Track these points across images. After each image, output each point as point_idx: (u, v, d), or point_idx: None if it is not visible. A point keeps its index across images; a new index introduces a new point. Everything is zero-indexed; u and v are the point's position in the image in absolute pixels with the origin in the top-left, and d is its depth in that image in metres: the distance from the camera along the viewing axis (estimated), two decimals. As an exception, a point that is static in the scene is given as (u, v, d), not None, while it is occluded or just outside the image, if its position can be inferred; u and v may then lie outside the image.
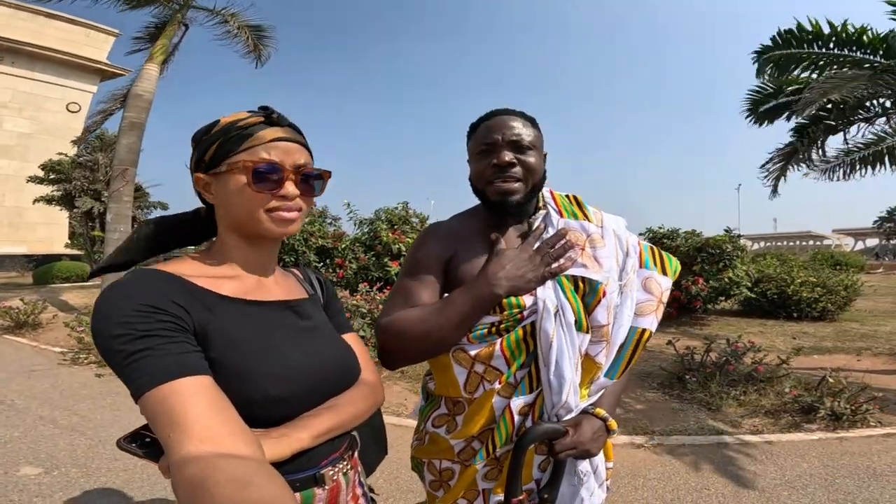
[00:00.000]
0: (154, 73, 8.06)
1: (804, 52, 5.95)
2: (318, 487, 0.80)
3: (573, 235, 1.13)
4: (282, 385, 0.76)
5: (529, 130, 1.13)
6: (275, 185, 0.80)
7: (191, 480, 0.53)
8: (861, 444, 3.43)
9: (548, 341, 1.03)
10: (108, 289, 0.69)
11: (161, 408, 0.60)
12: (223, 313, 0.76)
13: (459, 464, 1.15)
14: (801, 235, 54.90)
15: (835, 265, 17.19)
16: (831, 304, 9.43)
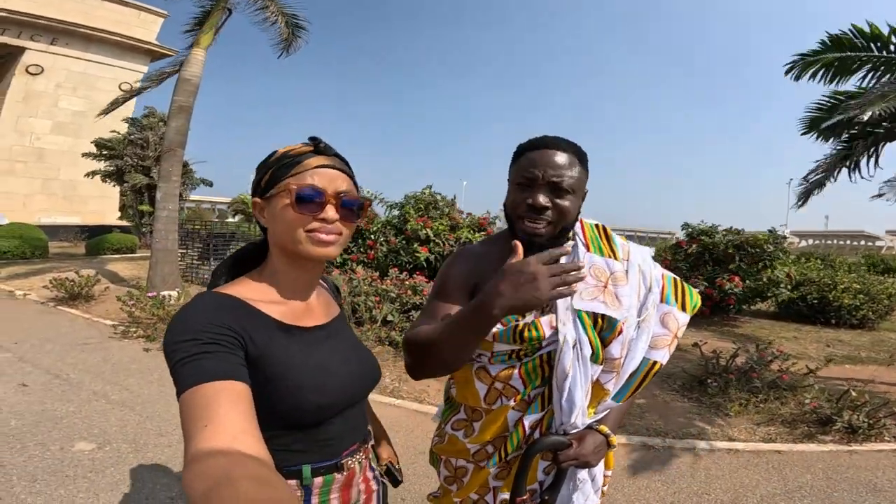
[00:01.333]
0: (201, 58, 8.33)
1: (863, 55, 5.67)
2: (337, 473, 0.96)
3: (596, 271, 1.18)
4: (326, 395, 0.91)
5: (573, 171, 1.12)
6: (316, 208, 0.88)
7: (213, 473, 0.55)
8: (870, 458, 3.43)
9: (564, 373, 1.09)
10: (184, 307, 0.82)
11: (198, 402, 0.66)
12: (280, 339, 0.88)
13: (473, 464, 1.27)
14: (852, 234, 52.31)
15: (885, 271, 16.41)
16: (872, 313, 9.09)
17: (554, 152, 1.12)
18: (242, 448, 0.60)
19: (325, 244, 0.89)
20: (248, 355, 0.81)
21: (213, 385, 0.68)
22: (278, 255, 0.94)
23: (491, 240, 1.30)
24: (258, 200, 0.94)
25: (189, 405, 0.67)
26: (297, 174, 0.88)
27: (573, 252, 1.22)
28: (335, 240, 0.91)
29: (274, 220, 0.91)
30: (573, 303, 1.13)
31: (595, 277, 1.17)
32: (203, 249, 10.37)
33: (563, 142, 1.16)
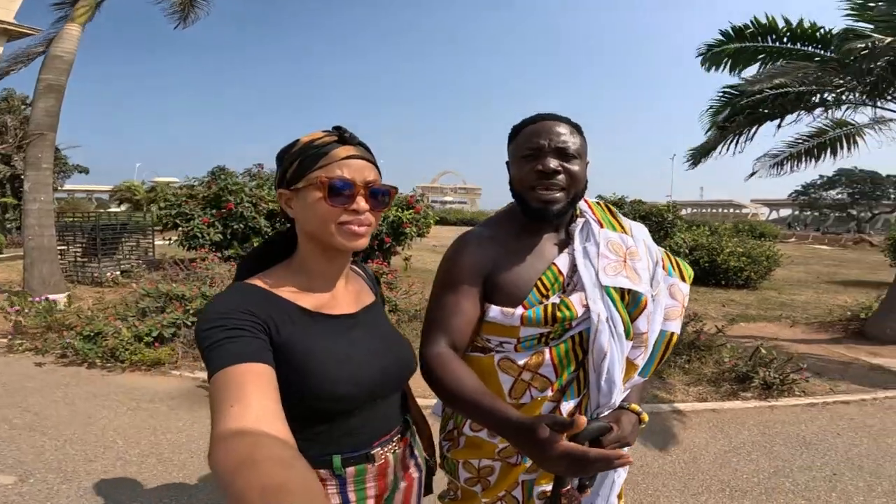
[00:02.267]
0: (76, 34, 7.28)
1: (759, 45, 6.19)
2: (368, 464, 0.95)
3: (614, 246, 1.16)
4: (349, 386, 0.89)
5: (576, 138, 1.12)
6: (347, 200, 0.87)
7: (238, 453, 0.56)
8: (789, 412, 3.80)
9: (602, 352, 1.06)
10: (215, 297, 0.85)
11: (225, 383, 0.68)
12: (303, 326, 0.88)
13: (501, 461, 1.19)
14: (723, 204, 58.94)
15: (758, 235, 18.60)
16: (754, 274, 10.29)
17: (554, 123, 1.12)
18: (267, 429, 0.62)
19: (357, 236, 0.89)
20: (273, 342, 0.82)
21: (240, 367, 0.70)
22: (307, 245, 0.94)
23: (495, 221, 1.24)
24: (284, 191, 0.92)
25: (217, 387, 0.68)
26: (326, 166, 0.87)
27: (587, 229, 1.19)
28: (365, 231, 0.90)
29: (304, 213, 0.90)
30: (600, 279, 1.11)
31: (614, 253, 1.16)
32: (88, 244, 9.14)
33: (560, 115, 1.16)
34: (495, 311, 1.11)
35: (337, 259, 0.96)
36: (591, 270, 1.12)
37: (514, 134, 1.18)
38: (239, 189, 8.75)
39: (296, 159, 0.89)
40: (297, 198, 0.90)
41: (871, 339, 6.03)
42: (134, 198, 26.32)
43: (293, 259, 0.97)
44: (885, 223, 38.30)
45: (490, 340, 1.16)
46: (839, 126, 6.91)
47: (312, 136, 0.91)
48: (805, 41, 6.01)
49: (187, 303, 4.92)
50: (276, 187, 0.95)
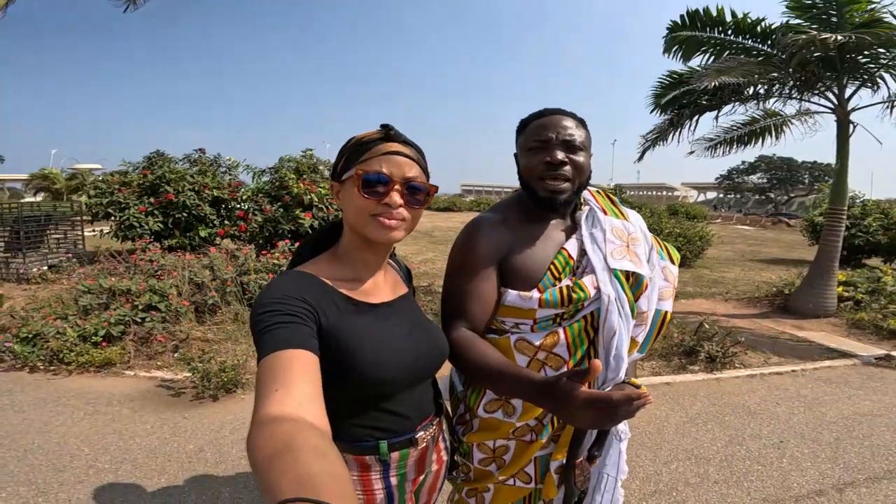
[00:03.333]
0: None
1: (707, 35, 6.53)
2: (412, 448, 1.00)
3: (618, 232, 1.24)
4: (392, 370, 0.93)
5: (581, 131, 1.18)
6: (381, 194, 0.90)
7: (277, 439, 0.57)
8: (733, 384, 4.13)
9: (612, 331, 1.13)
10: (270, 282, 0.89)
11: (273, 366, 0.70)
12: (349, 314, 0.93)
13: (515, 440, 1.25)
14: (657, 186, 61.99)
15: (690, 217, 19.74)
16: (690, 253, 10.96)
17: (561, 117, 1.18)
18: (307, 416, 0.63)
19: (389, 229, 0.92)
20: (322, 329, 0.86)
21: (288, 353, 0.73)
22: (350, 235, 0.99)
23: (505, 207, 1.28)
24: (335, 184, 0.99)
25: (265, 370, 0.71)
26: (368, 160, 0.92)
27: (592, 216, 1.25)
28: (398, 225, 0.93)
29: (345, 203, 0.96)
30: (609, 262, 1.18)
31: (619, 238, 1.23)
32: (11, 238, 8.37)
33: (565, 110, 1.21)
34: (513, 295, 1.16)
35: (376, 250, 1.00)
36: (599, 255, 1.18)
37: (522, 127, 1.23)
38: (179, 177, 8.29)
39: (346, 154, 0.96)
40: (343, 189, 0.96)
41: (795, 314, 6.59)
42: (53, 186, 24.29)
43: (338, 248, 1.02)
44: (799, 205, 41.69)
45: (505, 322, 1.20)
46: (769, 116, 7.43)
47: (365, 133, 0.96)
48: (747, 34, 6.39)
49: (134, 298, 4.65)
50: (331, 179, 1.02)
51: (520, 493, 1.31)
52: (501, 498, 1.31)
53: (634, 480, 2.61)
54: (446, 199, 35.70)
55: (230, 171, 9.25)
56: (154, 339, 4.44)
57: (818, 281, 6.57)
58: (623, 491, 1.34)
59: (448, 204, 33.21)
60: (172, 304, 4.70)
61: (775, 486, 2.59)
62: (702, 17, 6.37)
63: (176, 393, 3.64)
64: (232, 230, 8.21)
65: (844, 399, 3.81)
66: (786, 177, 43.30)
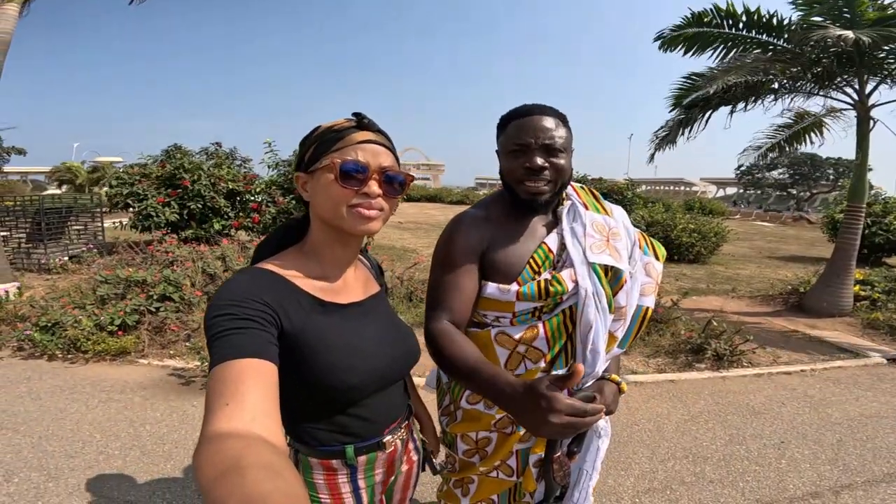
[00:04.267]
0: (13, 13, 6.73)
1: (716, 31, 6.40)
2: (379, 451, 0.99)
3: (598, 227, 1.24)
4: (360, 375, 0.90)
5: (561, 131, 1.17)
6: (359, 183, 0.87)
7: (224, 457, 0.54)
8: (739, 383, 4.09)
9: (588, 325, 1.15)
10: (228, 281, 0.82)
11: (224, 377, 0.66)
12: (316, 316, 0.88)
13: (497, 432, 1.28)
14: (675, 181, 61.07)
15: (707, 212, 19.48)
16: (704, 249, 10.85)
17: (541, 117, 1.17)
18: (259, 431, 0.60)
19: (368, 219, 0.89)
20: (284, 332, 0.81)
21: (241, 362, 0.68)
22: (319, 229, 0.94)
23: (487, 204, 1.30)
24: (301, 175, 0.93)
25: (215, 381, 0.66)
26: (341, 149, 0.87)
27: (573, 211, 1.27)
28: (377, 215, 0.90)
29: (317, 195, 0.90)
30: (587, 256, 1.19)
31: (599, 233, 1.24)
32: (33, 230, 8.61)
33: (547, 107, 1.20)
34: (492, 287, 1.18)
35: (348, 244, 0.97)
36: (578, 249, 1.20)
37: (503, 125, 1.23)
38: (195, 167, 8.44)
39: (314, 143, 0.91)
40: (312, 180, 0.91)
41: (808, 312, 6.49)
42: (75, 179, 24.85)
43: (305, 243, 0.97)
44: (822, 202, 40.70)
45: (486, 316, 1.23)
46: (803, 117, 7.28)
47: (333, 122, 0.92)
48: (761, 29, 6.26)
49: (150, 288, 4.76)
50: (294, 170, 0.96)
51: (503, 485, 1.34)
52: (485, 489, 1.35)
53: (629, 477, 2.62)
54: (460, 193, 35.72)
55: (244, 163, 9.39)
56: (167, 328, 4.54)
57: (834, 279, 6.44)
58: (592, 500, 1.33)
59: (461, 197, 33.21)
60: (186, 294, 4.80)
61: (771, 486, 2.58)
62: (709, 16, 6.25)
63: (186, 382, 3.74)
64: (246, 222, 8.35)
65: (852, 400, 3.76)
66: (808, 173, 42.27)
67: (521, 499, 1.35)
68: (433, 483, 2.43)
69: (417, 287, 6.08)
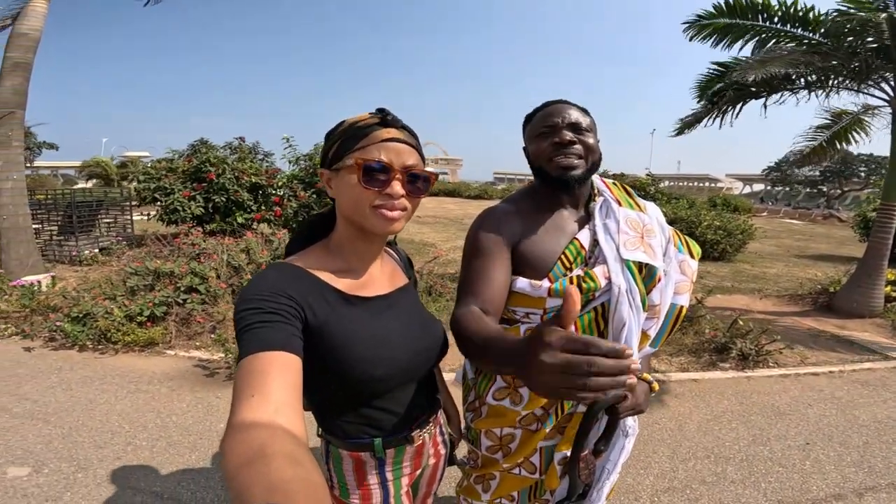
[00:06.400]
0: (42, 10, 6.93)
1: (749, 23, 6.26)
2: (408, 444, 1.00)
3: (633, 223, 1.21)
4: (385, 368, 0.91)
5: (586, 118, 1.19)
6: (382, 184, 0.86)
7: (250, 445, 0.56)
8: (764, 383, 4.01)
9: (621, 322, 1.13)
10: (255, 276, 0.84)
11: (251, 369, 0.68)
12: (340, 309, 0.89)
13: (521, 429, 1.28)
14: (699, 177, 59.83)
15: (732, 209, 19.04)
16: (730, 247, 10.59)
17: (566, 105, 1.20)
18: (282, 422, 0.61)
19: (391, 220, 0.88)
20: (309, 325, 0.82)
21: (267, 355, 0.70)
22: (344, 226, 0.94)
23: (516, 199, 1.29)
24: (325, 171, 0.92)
25: (243, 372, 0.68)
26: (365, 147, 0.86)
27: (606, 206, 1.24)
28: (399, 216, 0.89)
29: (340, 193, 0.90)
30: (621, 253, 1.17)
31: (633, 229, 1.22)
32: (64, 222, 8.89)
33: (568, 101, 1.22)
34: (523, 282, 1.16)
35: (373, 241, 0.96)
36: (612, 245, 1.18)
37: (528, 120, 1.25)
38: (220, 161, 8.62)
39: (338, 140, 0.89)
40: (336, 178, 0.90)
41: (838, 313, 6.31)
42: (105, 174, 25.52)
43: (331, 238, 0.97)
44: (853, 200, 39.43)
45: (516, 312, 1.22)
46: (840, 116, 7.06)
47: (358, 117, 0.91)
48: (796, 23, 6.10)
49: (177, 280, 4.86)
50: (320, 166, 0.95)
51: (525, 482, 1.33)
52: (507, 486, 1.35)
53: (648, 476, 2.60)
54: (478, 187, 35.43)
55: (267, 158, 9.56)
56: (194, 319, 4.64)
57: (865, 279, 6.26)
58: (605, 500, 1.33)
59: (479, 192, 32.99)
60: (211, 286, 4.88)
61: (794, 487, 2.54)
62: (741, 5, 6.10)
63: (210, 373, 3.83)
64: (268, 215, 8.49)
65: (880, 402, 3.66)
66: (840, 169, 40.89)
67: (542, 496, 1.35)
68: (452, 478, 2.44)
69: (436, 281, 6.13)
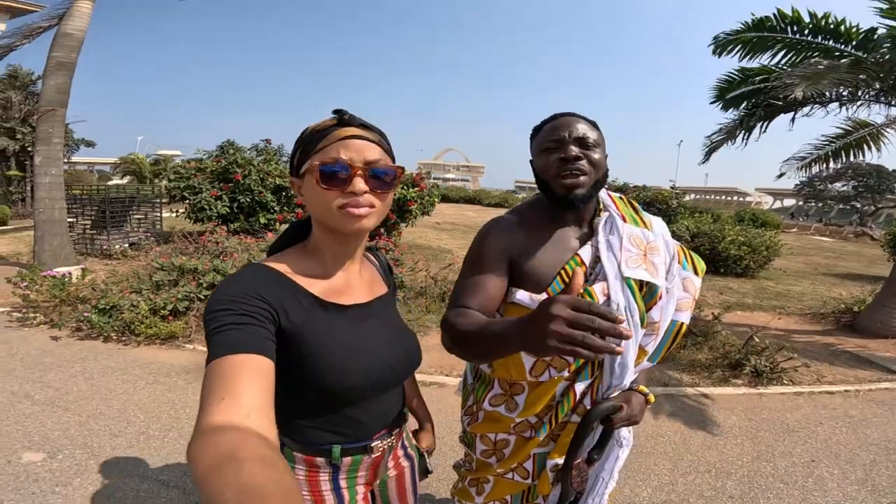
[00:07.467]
0: (87, 11, 7.26)
1: (779, 36, 6.21)
2: (366, 455, 0.99)
3: (636, 240, 1.22)
4: (357, 377, 0.90)
5: (594, 132, 1.19)
6: (342, 182, 0.85)
7: (221, 449, 0.55)
8: (776, 400, 3.96)
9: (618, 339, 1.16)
10: (229, 277, 0.83)
11: (221, 372, 0.66)
12: (315, 315, 0.88)
13: (515, 435, 1.31)
14: (727, 191, 58.65)
15: (759, 224, 18.61)
16: (753, 263, 10.35)
17: (572, 118, 1.19)
18: (254, 426, 0.60)
19: (358, 217, 0.86)
20: (282, 329, 0.82)
21: (238, 357, 0.69)
22: (318, 230, 0.94)
23: (522, 210, 1.30)
24: (294, 180, 0.93)
25: (213, 374, 0.67)
26: (323, 149, 0.86)
27: (610, 222, 1.25)
28: (367, 212, 0.87)
29: (308, 198, 0.89)
30: (622, 270, 1.17)
31: (636, 246, 1.22)
32: (97, 217, 9.24)
33: (577, 113, 1.22)
34: (523, 294, 1.17)
35: (347, 243, 0.95)
36: (613, 262, 1.18)
37: (535, 132, 1.26)
38: (247, 163, 8.87)
39: (300, 146, 0.90)
40: (303, 185, 0.90)
41: (861, 332, 6.15)
42: (139, 171, 26.34)
43: (308, 241, 0.97)
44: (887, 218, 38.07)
45: None
46: (861, 126, 6.89)
47: (317, 123, 0.91)
48: (828, 35, 6.02)
49: (200, 276, 5.01)
50: (289, 175, 0.96)
51: (518, 487, 1.37)
52: (500, 490, 1.38)
53: (647, 488, 2.60)
54: (498, 195, 35.45)
55: (292, 160, 9.81)
56: (213, 315, 4.78)
57: (891, 299, 6.10)
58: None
59: (500, 200, 33.00)
60: (232, 283, 5.02)
61: (792, 504, 2.51)
62: (771, 21, 6.06)
63: (226, 368, 3.94)
64: (290, 217, 8.69)
65: (894, 422, 3.59)
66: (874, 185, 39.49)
67: (534, 501, 1.38)
68: (448, 480, 2.49)
69: (451, 288, 6.15)
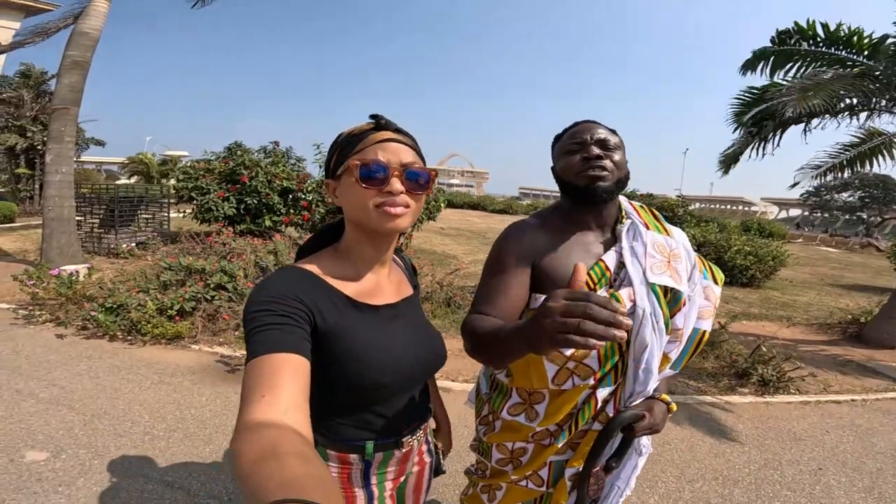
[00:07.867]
0: (104, 10, 7.32)
1: (795, 48, 6.28)
2: (397, 450, 1.03)
3: (660, 247, 1.23)
4: (389, 375, 0.94)
5: (614, 136, 1.22)
6: (381, 182, 0.89)
7: (262, 444, 0.58)
8: (783, 409, 3.94)
9: (643, 345, 1.14)
10: (266, 278, 0.88)
11: (262, 371, 0.70)
12: (349, 315, 0.92)
13: (534, 443, 1.30)
14: (733, 200, 58.45)
15: (766, 234, 18.54)
16: (759, 272, 10.30)
17: (594, 124, 1.22)
18: (292, 423, 0.64)
19: (394, 216, 0.90)
20: (317, 330, 0.85)
21: (278, 356, 0.72)
22: (352, 231, 0.97)
23: (544, 215, 1.31)
24: (330, 181, 0.96)
25: (254, 373, 0.70)
26: (361, 150, 0.90)
27: (633, 229, 1.25)
28: (403, 212, 0.91)
29: (344, 198, 0.93)
30: (647, 276, 1.18)
31: (660, 253, 1.22)
32: (106, 216, 9.28)
33: (596, 121, 1.25)
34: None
35: (380, 244, 0.98)
36: (638, 268, 1.18)
37: (557, 139, 1.28)
38: (254, 164, 8.91)
39: (337, 149, 0.94)
40: (339, 186, 0.94)
41: (868, 343, 6.13)
42: (147, 171, 26.48)
43: (340, 244, 1.00)
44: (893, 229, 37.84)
45: None
46: (874, 136, 6.87)
47: (354, 127, 0.95)
48: (840, 45, 6.04)
49: (208, 277, 5.02)
50: (325, 178, 1.00)
51: (531, 494, 1.35)
52: (513, 497, 1.37)
53: (653, 495, 2.59)
54: (503, 202, 35.50)
55: (298, 162, 9.80)
56: (220, 316, 4.78)
57: (897, 310, 6.07)
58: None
59: (504, 206, 33.01)
60: (239, 284, 5.00)
61: (801, 513, 2.49)
62: (791, 34, 6.12)
63: (231, 369, 3.95)
64: (296, 219, 8.70)
65: (902, 432, 3.56)
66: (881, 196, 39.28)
67: None
68: (453, 485, 2.48)
69: (456, 293, 6.15)
